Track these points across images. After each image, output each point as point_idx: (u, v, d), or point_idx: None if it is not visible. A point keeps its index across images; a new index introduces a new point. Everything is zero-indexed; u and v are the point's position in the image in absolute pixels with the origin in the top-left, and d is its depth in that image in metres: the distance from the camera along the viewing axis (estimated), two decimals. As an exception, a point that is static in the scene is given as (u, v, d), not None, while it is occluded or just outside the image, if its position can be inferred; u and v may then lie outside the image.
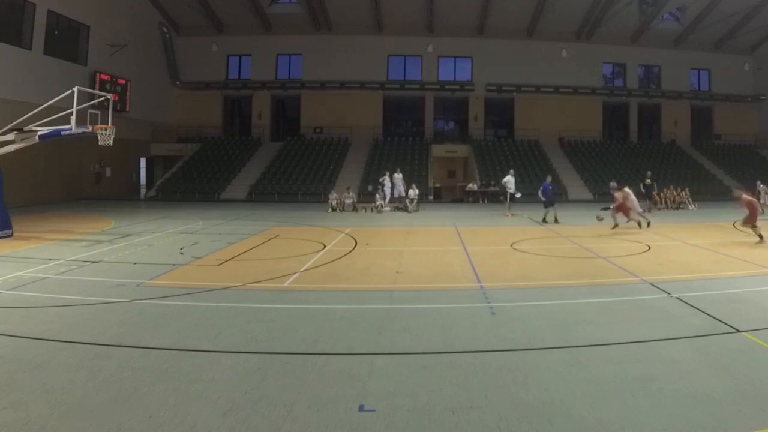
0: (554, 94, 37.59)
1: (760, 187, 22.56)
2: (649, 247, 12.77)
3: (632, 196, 16.87)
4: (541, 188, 19.26)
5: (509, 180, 22.15)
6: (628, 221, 16.47)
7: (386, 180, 25.32)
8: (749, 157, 36.42)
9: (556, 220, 18.53)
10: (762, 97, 38.75)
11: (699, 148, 37.83)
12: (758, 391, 4.71)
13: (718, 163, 35.13)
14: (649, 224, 16.54)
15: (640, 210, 17.78)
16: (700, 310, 7.27)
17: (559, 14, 34.69)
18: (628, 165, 32.99)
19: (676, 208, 24.61)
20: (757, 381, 4.92)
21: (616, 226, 16.01)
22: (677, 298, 7.98)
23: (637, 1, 33.80)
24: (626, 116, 40.05)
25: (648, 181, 23.91)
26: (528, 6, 34.85)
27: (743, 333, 6.29)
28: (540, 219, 18.89)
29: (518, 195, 22.45)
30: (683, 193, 25.57)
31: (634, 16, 34.99)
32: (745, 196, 14.26)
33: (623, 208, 16.35)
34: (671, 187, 25.90)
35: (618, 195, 16.51)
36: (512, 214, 21.22)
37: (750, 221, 13.77)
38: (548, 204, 18.81)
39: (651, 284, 8.94)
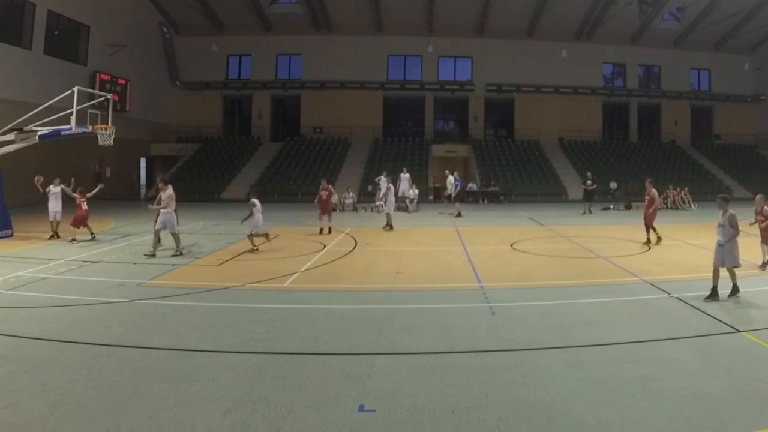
0: (554, 94, 37.53)
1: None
2: (649, 247, 12.76)
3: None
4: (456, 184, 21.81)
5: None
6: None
7: (382, 180, 25.14)
8: (749, 157, 36.39)
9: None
10: (762, 97, 38.70)
11: (699, 148, 37.77)
12: (758, 391, 4.71)
13: (718, 163, 35.08)
14: None
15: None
16: (700, 310, 7.27)
17: (559, 14, 34.62)
18: (628, 165, 32.96)
19: (676, 208, 24.61)
20: (757, 381, 4.92)
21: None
22: (677, 298, 7.98)
23: (637, 1, 33.75)
24: (626, 116, 40.01)
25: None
26: (528, 6, 34.81)
27: (743, 333, 6.30)
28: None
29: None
30: (682, 193, 25.57)
31: (634, 16, 34.95)
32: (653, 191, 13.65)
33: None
34: (671, 187, 25.87)
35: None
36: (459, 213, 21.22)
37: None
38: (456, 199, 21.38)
39: (651, 284, 8.95)
